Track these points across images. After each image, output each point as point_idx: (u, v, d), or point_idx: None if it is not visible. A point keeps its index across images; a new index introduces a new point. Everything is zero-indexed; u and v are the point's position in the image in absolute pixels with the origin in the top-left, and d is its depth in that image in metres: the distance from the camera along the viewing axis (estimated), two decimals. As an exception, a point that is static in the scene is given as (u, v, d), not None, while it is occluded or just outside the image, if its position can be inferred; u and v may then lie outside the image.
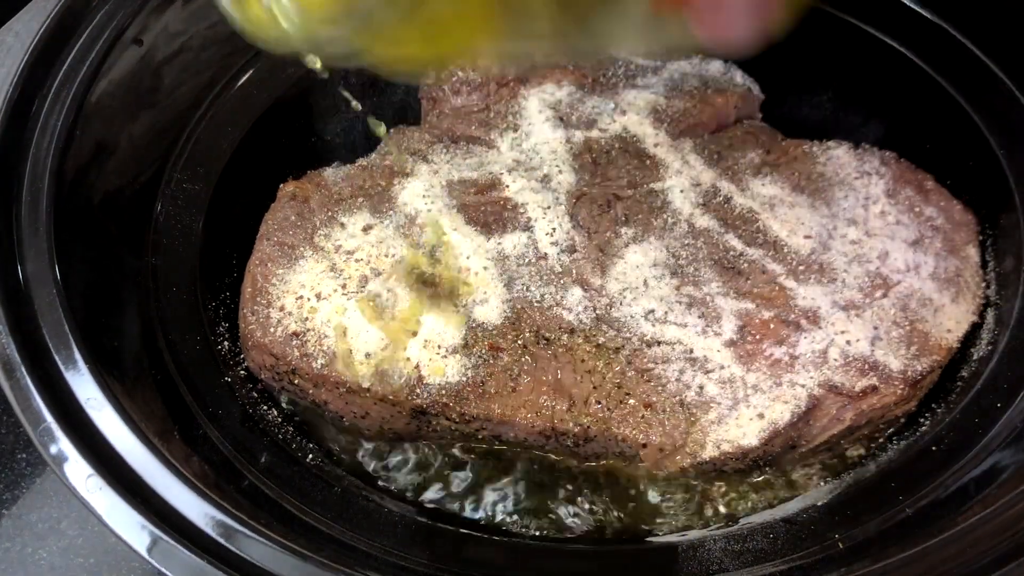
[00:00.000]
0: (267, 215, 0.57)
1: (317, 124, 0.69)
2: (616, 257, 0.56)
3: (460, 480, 0.54)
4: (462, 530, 0.51)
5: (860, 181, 0.58)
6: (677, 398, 0.51)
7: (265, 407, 0.54)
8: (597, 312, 0.53)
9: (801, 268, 0.55)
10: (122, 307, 0.52)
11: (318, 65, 0.50)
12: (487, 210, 0.57)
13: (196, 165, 0.60)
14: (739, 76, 0.65)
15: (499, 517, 0.53)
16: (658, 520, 0.52)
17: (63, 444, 0.40)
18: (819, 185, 0.59)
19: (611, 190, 0.59)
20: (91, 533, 0.52)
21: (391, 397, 0.51)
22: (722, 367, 0.51)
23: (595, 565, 0.50)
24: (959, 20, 0.60)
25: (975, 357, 0.54)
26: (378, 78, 0.65)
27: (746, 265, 0.55)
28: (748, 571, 0.45)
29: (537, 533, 0.52)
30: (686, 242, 0.56)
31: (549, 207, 0.57)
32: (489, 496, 0.53)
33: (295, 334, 0.52)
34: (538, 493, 0.53)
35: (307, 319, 0.52)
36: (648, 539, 0.51)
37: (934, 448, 0.50)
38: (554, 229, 0.56)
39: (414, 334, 0.52)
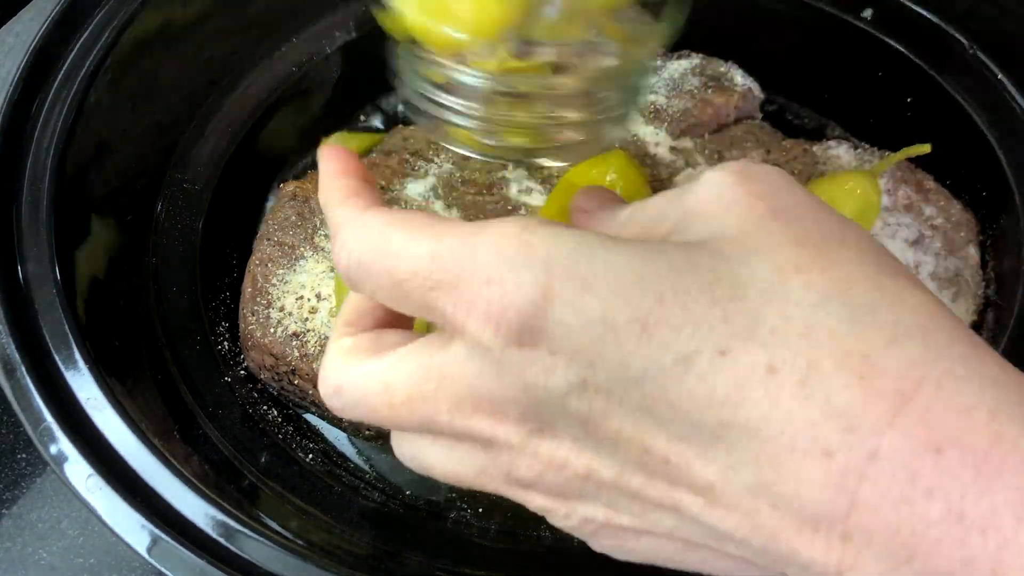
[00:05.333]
0: (267, 215, 0.57)
1: (318, 124, 0.69)
2: (616, 257, 0.56)
3: (460, 480, 0.54)
4: (462, 530, 0.51)
5: (860, 181, 0.58)
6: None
7: (265, 407, 0.54)
8: (597, 312, 0.53)
9: (801, 268, 0.55)
10: (122, 307, 0.52)
11: None
12: (488, 210, 0.57)
13: (196, 165, 0.60)
14: (739, 76, 0.65)
15: (498, 517, 0.53)
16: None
17: (63, 444, 0.40)
18: (819, 185, 0.59)
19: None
20: (91, 533, 0.52)
21: (391, 397, 0.50)
22: (722, 367, 0.51)
23: (595, 564, 0.50)
24: (959, 20, 0.60)
25: (975, 357, 0.54)
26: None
27: (746, 265, 0.55)
28: (748, 571, 0.45)
29: (537, 533, 0.52)
30: (686, 242, 0.56)
31: (549, 207, 0.57)
32: (489, 497, 0.53)
33: (295, 334, 0.52)
34: (538, 493, 0.53)
35: (307, 319, 0.52)
36: (648, 539, 0.51)
37: (934, 448, 0.49)
38: (554, 229, 0.56)
39: (414, 334, 0.52)
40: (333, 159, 0.32)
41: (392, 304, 0.27)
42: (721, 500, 0.23)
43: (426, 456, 0.29)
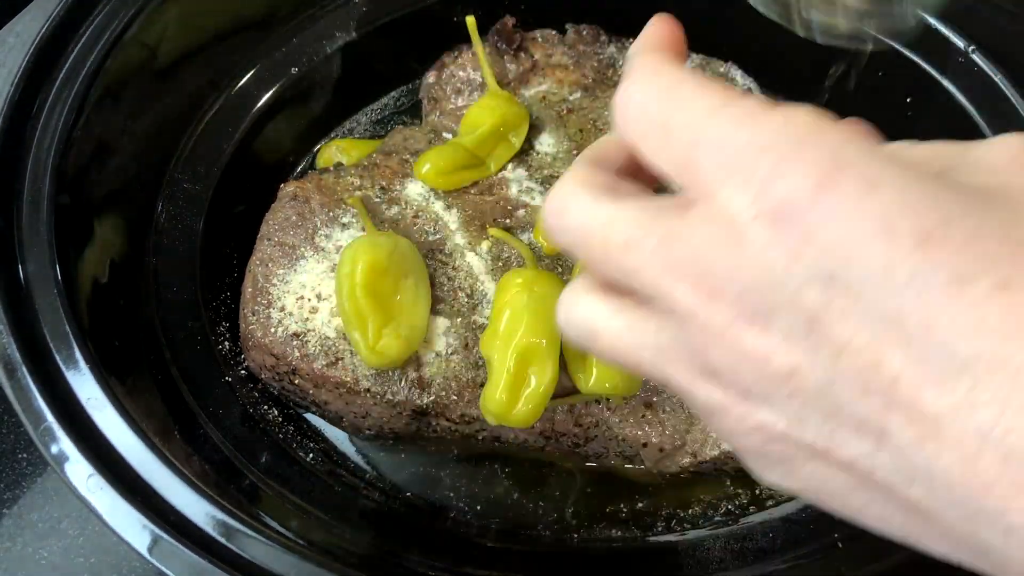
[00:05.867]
0: (267, 215, 0.57)
1: (318, 124, 0.69)
2: (616, 257, 0.56)
3: (460, 481, 0.54)
4: (462, 530, 0.51)
5: (860, 181, 0.59)
6: (677, 398, 0.51)
7: (265, 407, 0.54)
8: (597, 312, 0.53)
9: (801, 268, 0.55)
10: (122, 307, 0.52)
11: None
12: (487, 210, 0.57)
13: (196, 165, 0.60)
14: (739, 76, 0.65)
15: (498, 517, 0.53)
16: (658, 519, 0.52)
17: (64, 444, 0.40)
18: (819, 185, 0.59)
19: (611, 190, 0.59)
20: (92, 533, 0.52)
21: (391, 398, 0.51)
22: (722, 367, 0.51)
23: (596, 564, 0.50)
24: (959, 21, 0.60)
25: (975, 357, 0.54)
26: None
27: (746, 265, 0.55)
28: (748, 570, 0.46)
29: (536, 533, 0.52)
30: (686, 242, 0.56)
31: (549, 207, 0.57)
32: (489, 496, 0.53)
33: (296, 334, 0.52)
34: (538, 494, 0.53)
35: (308, 319, 0.52)
36: (648, 538, 0.51)
37: (934, 448, 0.49)
38: (554, 229, 0.56)
39: (414, 334, 0.52)
40: (662, 22, 0.32)
41: (650, 146, 0.26)
42: (942, 435, 0.21)
43: (600, 319, 0.27)
